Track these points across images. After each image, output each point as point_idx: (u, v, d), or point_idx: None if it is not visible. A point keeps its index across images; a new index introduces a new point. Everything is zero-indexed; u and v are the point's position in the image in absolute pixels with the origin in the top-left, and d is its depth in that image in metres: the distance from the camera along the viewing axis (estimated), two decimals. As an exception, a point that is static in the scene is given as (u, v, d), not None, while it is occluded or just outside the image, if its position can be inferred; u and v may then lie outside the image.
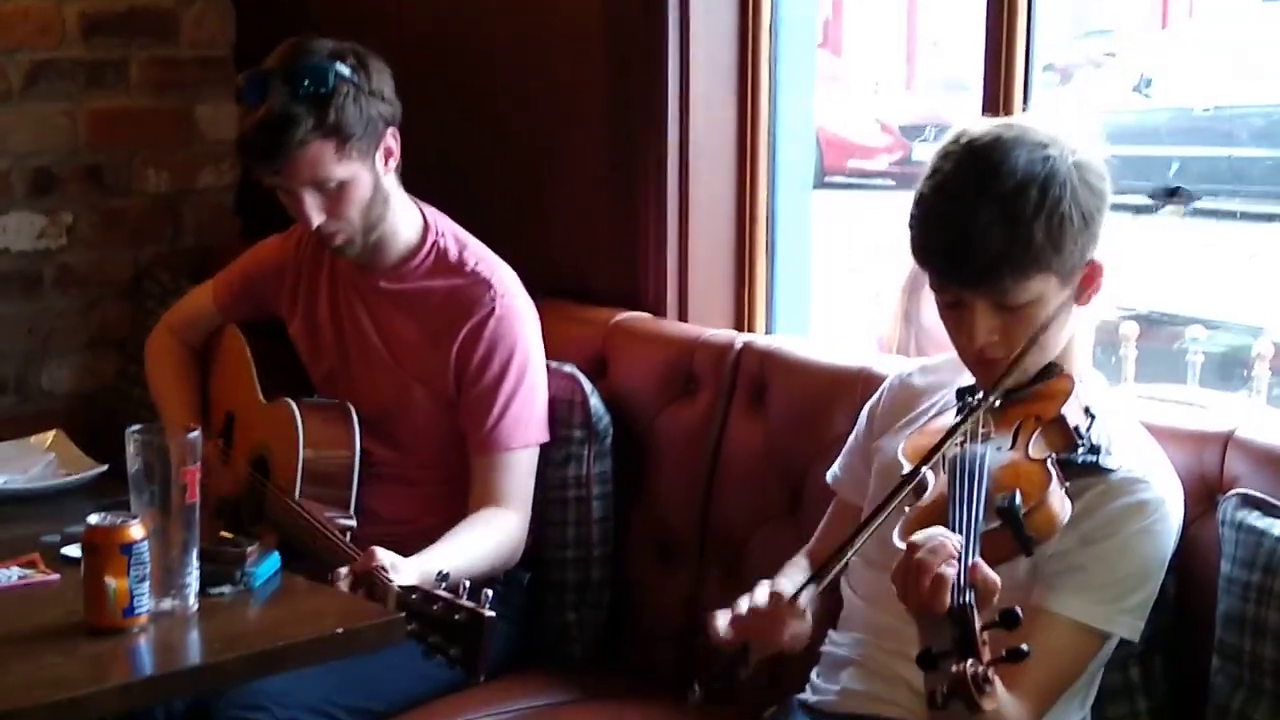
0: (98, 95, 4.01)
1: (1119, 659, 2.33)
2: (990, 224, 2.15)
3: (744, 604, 2.25)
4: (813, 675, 2.45)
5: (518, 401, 2.95)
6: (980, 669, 1.81)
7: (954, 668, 1.81)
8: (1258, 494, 2.30)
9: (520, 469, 2.96)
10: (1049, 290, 2.19)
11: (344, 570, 2.58)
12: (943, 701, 1.82)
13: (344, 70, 2.82)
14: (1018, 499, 2.02)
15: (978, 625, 1.85)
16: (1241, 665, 2.24)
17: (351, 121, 2.83)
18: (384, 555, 2.61)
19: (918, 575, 1.94)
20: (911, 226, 2.26)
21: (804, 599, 2.21)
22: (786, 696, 2.46)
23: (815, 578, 2.18)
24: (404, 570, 2.60)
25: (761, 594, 2.25)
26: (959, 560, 1.93)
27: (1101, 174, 2.24)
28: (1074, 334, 2.31)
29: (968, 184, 2.19)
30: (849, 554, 2.14)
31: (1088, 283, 2.26)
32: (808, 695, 2.43)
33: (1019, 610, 1.84)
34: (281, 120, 2.78)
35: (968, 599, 1.87)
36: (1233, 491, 2.33)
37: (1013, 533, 2.02)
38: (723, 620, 2.25)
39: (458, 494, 2.96)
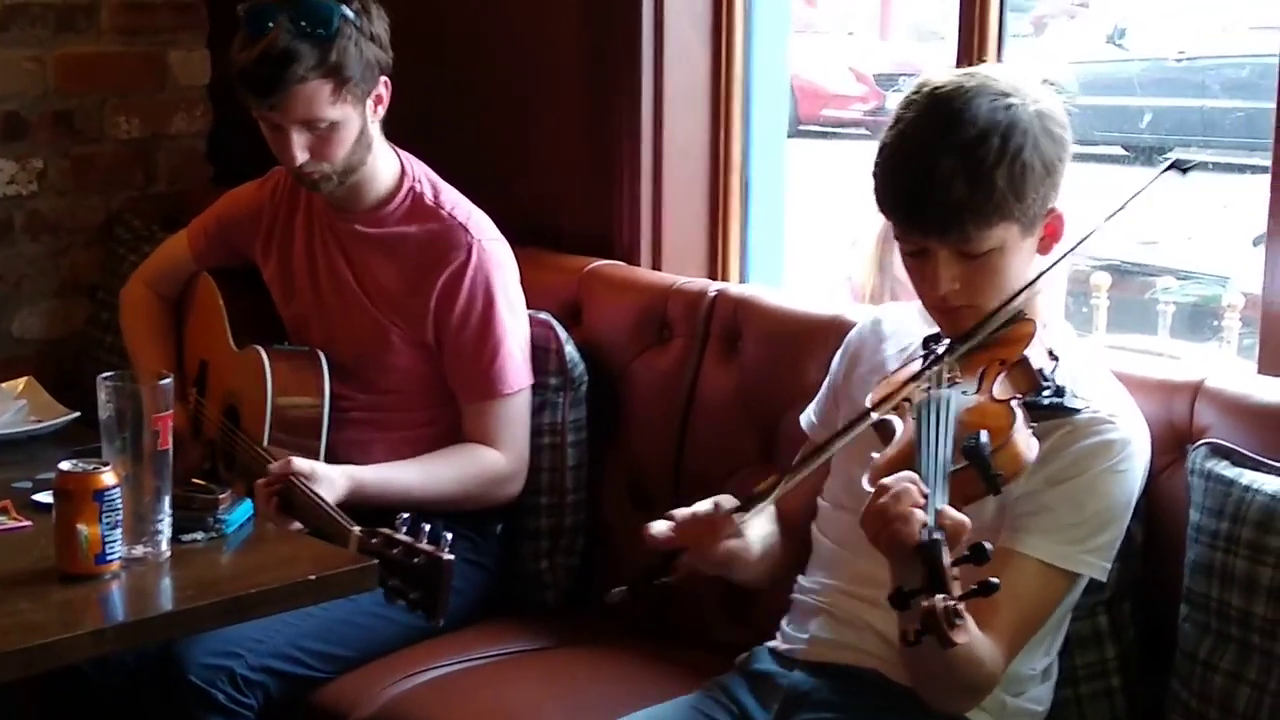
0: (68, 40, 3.97)
1: (1087, 606, 2.35)
2: (952, 172, 2.14)
3: (684, 511, 2.28)
4: (783, 623, 2.47)
5: (505, 346, 2.95)
6: (951, 603, 1.81)
7: (924, 603, 1.82)
8: (1226, 443, 2.32)
9: (513, 412, 2.97)
10: (1011, 238, 2.19)
11: (261, 481, 2.62)
12: (915, 638, 1.83)
13: (348, 12, 2.82)
14: (983, 438, 2.02)
15: (947, 561, 1.85)
16: (1209, 613, 2.26)
17: (351, 64, 2.82)
18: (300, 463, 2.65)
19: (886, 516, 1.95)
20: (875, 176, 2.25)
21: (744, 518, 2.25)
22: (757, 644, 2.48)
23: (754, 499, 2.22)
24: (323, 478, 2.64)
25: (705, 503, 2.28)
26: (927, 501, 1.94)
27: (1063, 123, 2.23)
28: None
29: (930, 133, 2.18)
30: (793, 479, 2.19)
31: (1050, 231, 2.26)
32: (778, 643, 2.45)
33: (988, 545, 1.85)
34: (284, 55, 2.77)
35: (937, 536, 1.88)
36: (1202, 441, 2.35)
37: (979, 472, 2.02)
38: (662, 524, 2.27)
39: (433, 440, 2.96)
